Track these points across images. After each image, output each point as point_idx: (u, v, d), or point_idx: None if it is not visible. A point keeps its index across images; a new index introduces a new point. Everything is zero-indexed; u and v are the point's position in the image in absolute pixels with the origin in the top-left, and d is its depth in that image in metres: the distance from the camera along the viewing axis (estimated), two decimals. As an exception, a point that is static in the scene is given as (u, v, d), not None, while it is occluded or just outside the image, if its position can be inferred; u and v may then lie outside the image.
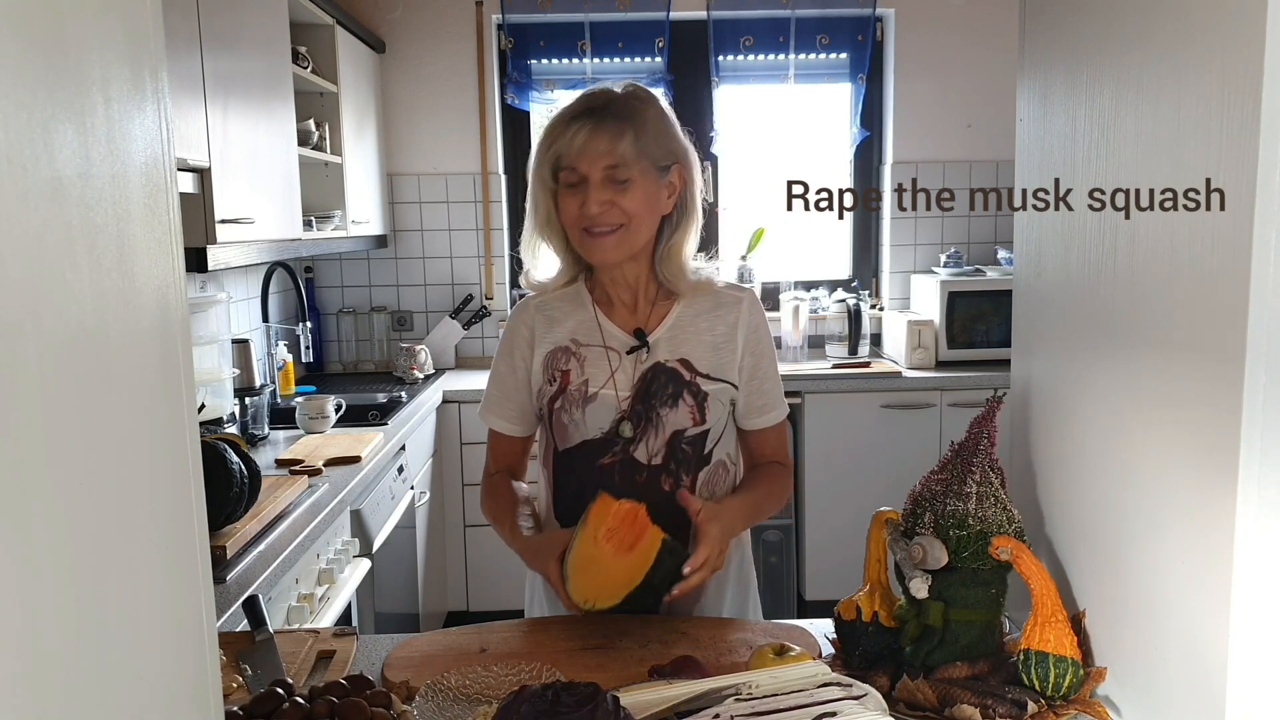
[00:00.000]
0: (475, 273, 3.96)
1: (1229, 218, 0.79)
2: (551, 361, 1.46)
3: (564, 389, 1.44)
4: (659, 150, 1.37)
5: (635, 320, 1.45)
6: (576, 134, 1.34)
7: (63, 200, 0.49)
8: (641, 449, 1.42)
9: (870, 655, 1.17)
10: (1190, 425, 0.87)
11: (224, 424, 2.61)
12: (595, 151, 1.33)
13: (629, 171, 1.34)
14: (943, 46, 3.85)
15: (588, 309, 1.47)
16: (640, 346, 1.43)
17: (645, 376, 1.42)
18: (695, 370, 1.43)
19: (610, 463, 1.42)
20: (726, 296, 1.47)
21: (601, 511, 1.32)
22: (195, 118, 2.07)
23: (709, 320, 1.45)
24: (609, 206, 1.34)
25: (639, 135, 1.34)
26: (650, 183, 1.36)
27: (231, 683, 1.18)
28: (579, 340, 1.45)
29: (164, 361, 0.60)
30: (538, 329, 1.48)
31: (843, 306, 3.76)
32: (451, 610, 3.48)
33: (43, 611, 0.46)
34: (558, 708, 0.92)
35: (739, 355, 1.44)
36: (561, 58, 3.86)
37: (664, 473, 1.42)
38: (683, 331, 1.44)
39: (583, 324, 1.46)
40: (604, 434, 1.42)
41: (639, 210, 1.36)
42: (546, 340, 1.47)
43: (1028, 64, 1.25)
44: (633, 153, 1.33)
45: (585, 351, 1.44)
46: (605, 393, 1.42)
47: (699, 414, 1.42)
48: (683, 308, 1.46)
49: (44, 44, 0.48)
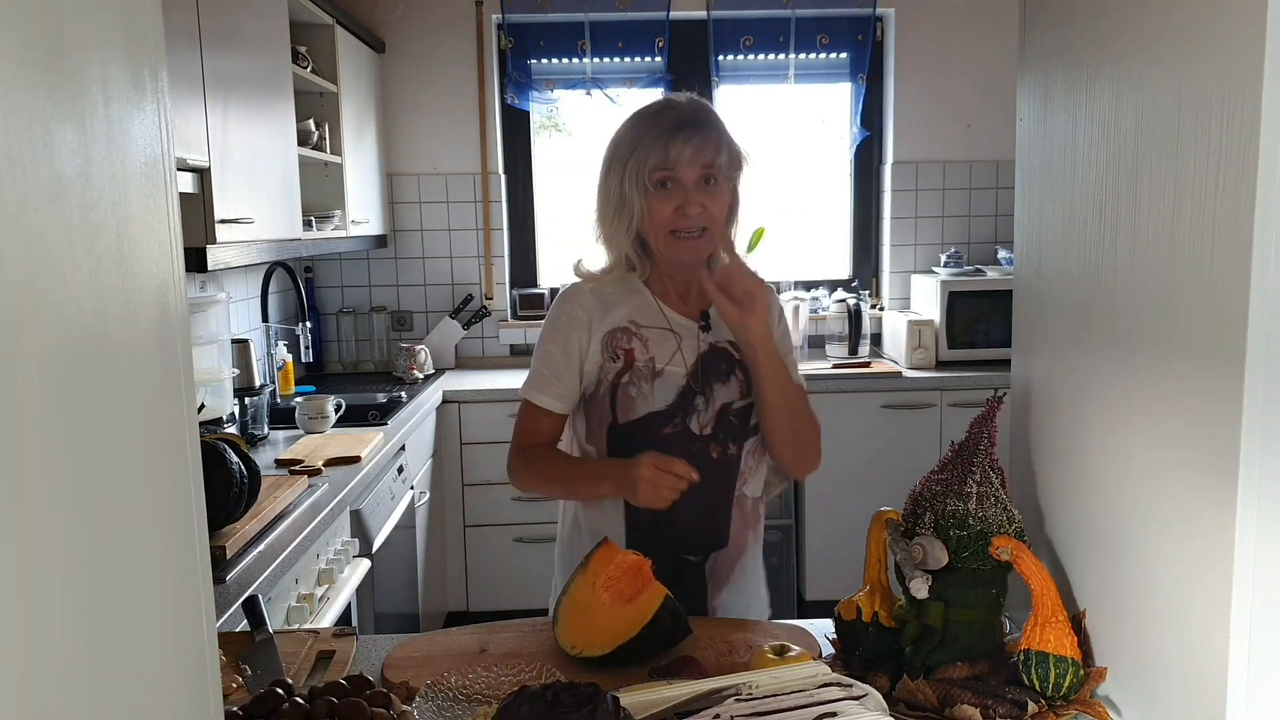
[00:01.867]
0: (475, 273, 3.96)
1: (1229, 218, 0.79)
2: (611, 341, 1.54)
3: (630, 365, 1.53)
4: (730, 158, 1.49)
5: (688, 307, 1.57)
6: (685, 143, 1.44)
7: (62, 200, 0.49)
8: (694, 421, 1.52)
9: (870, 655, 1.17)
10: (1190, 425, 0.87)
11: (224, 424, 2.61)
12: (700, 160, 1.45)
13: (720, 176, 1.47)
14: (943, 46, 3.85)
15: (644, 295, 1.57)
16: (707, 327, 1.56)
17: (703, 355, 1.53)
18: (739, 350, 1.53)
19: (671, 432, 1.51)
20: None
21: (604, 559, 1.31)
22: (195, 118, 2.07)
23: None
24: (701, 210, 1.46)
25: (725, 144, 1.47)
26: (729, 188, 1.51)
27: (231, 683, 1.18)
28: (638, 322, 1.54)
29: (164, 361, 0.60)
30: (595, 312, 1.56)
31: (843, 306, 3.76)
32: (451, 610, 3.48)
33: (42, 612, 0.46)
34: (558, 708, 0.92)
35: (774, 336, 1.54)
36: (561, 57, 3.86)
37: (713, 441, 1.52)
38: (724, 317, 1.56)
39: (641, 308, 1.55)
40: (669, 406, 1.52)
41: (721, 213, 1.49)
42: (605, 322, 1.55)
43: (1028, 64, 1.25)
44: (723, 160, 1.46)
45: (646, 332, 1.54)
46: (672, 369, 1.52)
47: (745, 388, 1.53)
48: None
49: (44, 44, 0.48)
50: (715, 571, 1.53)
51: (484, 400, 3.41)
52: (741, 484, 1.55)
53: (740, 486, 1.55)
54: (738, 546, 1.56)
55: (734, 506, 1.55)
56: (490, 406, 3.40)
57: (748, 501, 1.57)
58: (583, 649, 1.24)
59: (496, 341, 4.00)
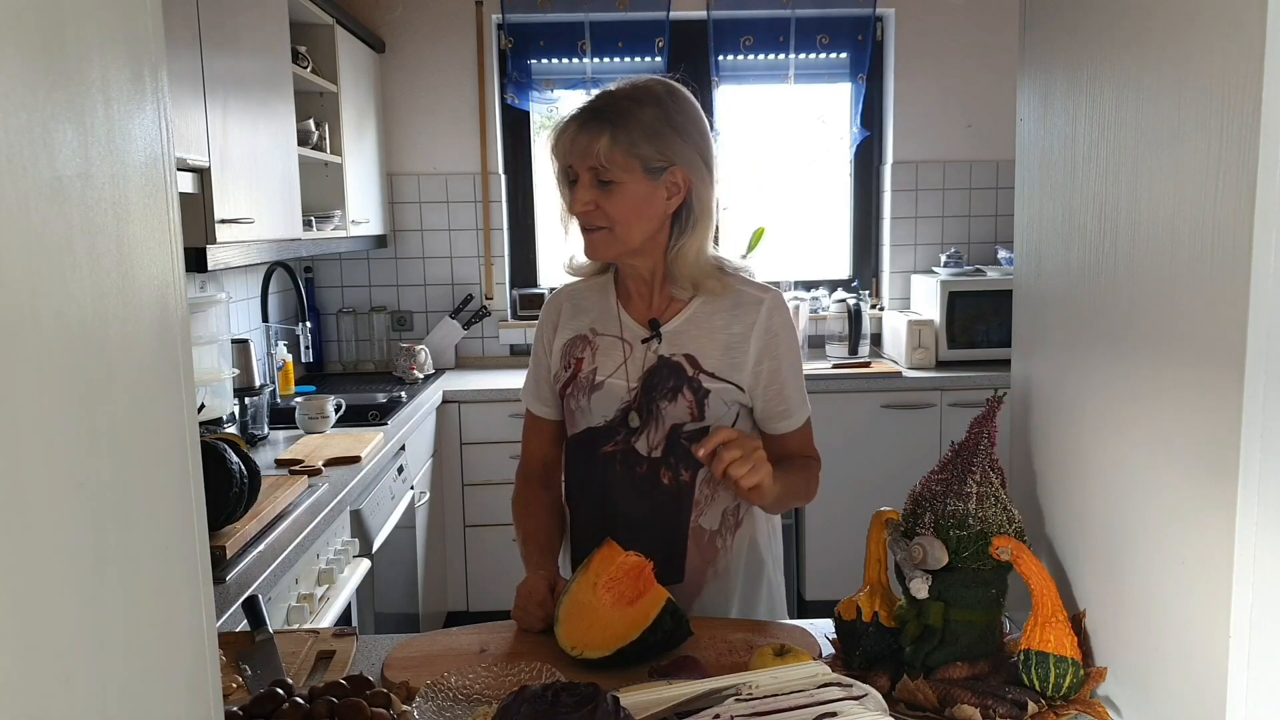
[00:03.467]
0: (475, 273, 3.96)
1: (1229, 218, 0.79)
2: (569, 349, 1.49)
3: (575, 376, 1.47)
4: (650, 152, 1.33)
5: (651, 313, 1.46)
6: (564, 132, 1.37)
7: (62, 200, 0.49)
8: (643, 441, 1.42)
9: (870, 655, 1.17)
10: (1191, 425, 0.87)
11: (224, 424, 2.61)
12: (578, 151, 1.35)
13: (611, 173, 1.33)
14: (943, 46, 3.85)
15: (610, 299, 1.48)
16: (653, 337, 1.43)
17: (650, 369, 1.42)
18: (700, 367, 1.41)
19: (612, 450, 1.44)
20: (749, 297, 1.44)
21: (606, 559, 1.30)
22: (195, 117, 2.07)
23: (725, 319, 1.43)
24: (592, 208, 1.36)
25: (619, 138, 1.32)
26: (639, 185, 1.34)
27: (231, 683, 1.18)
28: (596, 329, 1.47)
29: (164, 361, 0.60)
30: (563, 316, 1.51)
31: (843, 306, 3.76)
32: (451, 610, 3.48)
33: (42, 611, 0.46)
34: (558, 708, 0.92)
35: (752, 358, 1.41)
36: (561, 57, 3.86)
37: (663, 465, 1.42)
38: (695, 327, 1.43)
39: (603, 313, 1.48)
40: (607, 422, 1.43)
41: (624, 214, 1.35)
42: (568, 327, 1.50)
43: (1028, 64, 1.25)
44: (614, 154, 1.32)
45: (600, 340, 1.46)
46: (613, 382, 1.43)
47: (697, 410, 1.40)
48: (701, 304, 1.44)
49: (44, 44, 0.48)
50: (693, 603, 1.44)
51: (484, 400, 3.41)
52: (697, 514, 1.43)
53: (695, 518, 1.43)
54: (694, 582, 1.44)
55: (689, 538, 1.43)
56: (490, 406, 3.40)
57: (704, 534, 1.44)
58: (583, 650, 1.24)
59: (496, 341, 4.00)
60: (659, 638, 1.23)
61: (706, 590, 1.46)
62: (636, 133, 1.33)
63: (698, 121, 1.40)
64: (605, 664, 1.22)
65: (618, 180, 1.34)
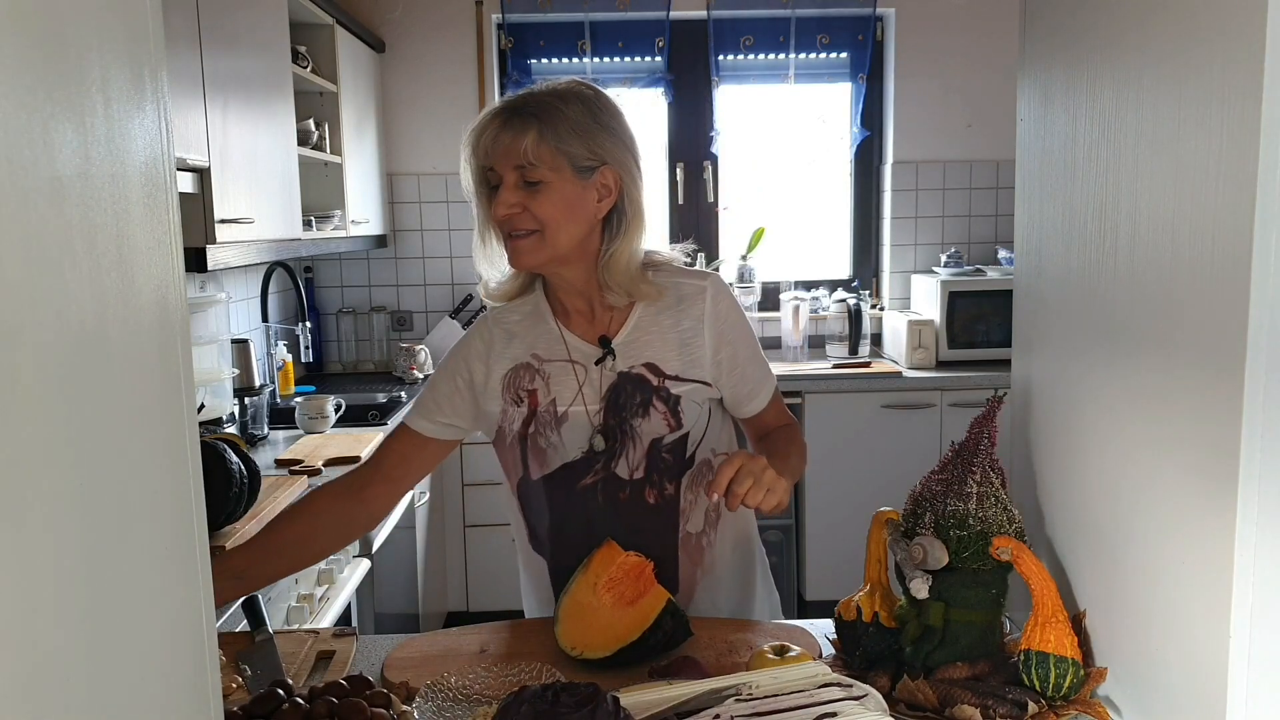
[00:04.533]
0: (475, 273, 3.96)
1: (1229, 218, 0.79)
2: (514, 381, 1.38)
3: (534, 411, 1.36)
4: (579, 150, 1.27)
5: (596, 329, 1.37)
6: (485, 131, 1.30)
7: (62, 200, 0.49)
8: (622, 464, 1.35)
9: (870, 655, 1.17)
10: (1191, 425, 0.87)
11: (224, 424, 2.61)
12: (501, 149, 1.27)
13: (539, 172, 1.26)
14: (943, 46, 3.85)
15: (548, 322, 1.39)
16: (606, 355, 1.36)
17: (612, 388, 1.35)
18: (663, 374, 1.35)
19: (591, 482, 1.35)
20: (688, 288, 1.38)
21: (606, 560, 1.29)
22: (195, 118, 2.07)
23: (673, 316, 1.37)
24: (519, 210, 1.28)
25: (546, 133, 1.26)
26: (568, 185, 1.28)
27: (231, 683, 1.18)
28: (540, 355, 1.38)
29: (163, 361, 0.60)
30: (495, 343, 1.40)
31: (843, 306, 3.76)
32: (451, 610, 3.48)
33: (42, 612, 0.46)
34: (558, 708, 0.92)
35: (709, 350, 1.36)
36: (561, 58, 3.86)
37: (647, 485, 1.36)
38: (644, 334, 1.36)
39: (542, 338, 1.38)
40: (583, 454, 1.35)
41: (553, 215, 1.27)
42: (505, 356, 1.39)
43: (1028, 64, 1.25)
44: (542, 151, 1.26)
45: (548, 368, 1.37)
46: (575, 409, 1.35)
47: (673, 419, 1.35)
48: (643, 309, 1.37)
49: (44, 44, 0.48)
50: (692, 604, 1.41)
51: (484, 400, 3.40)
52: (684, 523, 1.39)
53: (683, 526, 1.39)
54: (688, 588, 1.41)
55: (679, 548, 1.39)
56: (490, 406, 3.40)
57: (691, 538, 1.40)
58: (583, 650, 1.23)
59: (496, 341, 4.00)
60: (659, 638, 1.23)
61: (698, 592, 1.43)
62: (564, 129, 1.27)
63: (624, 122, 1.35)
64: (605, 664, 1.22)
65: (545, 180, 1.27)
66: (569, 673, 1.20)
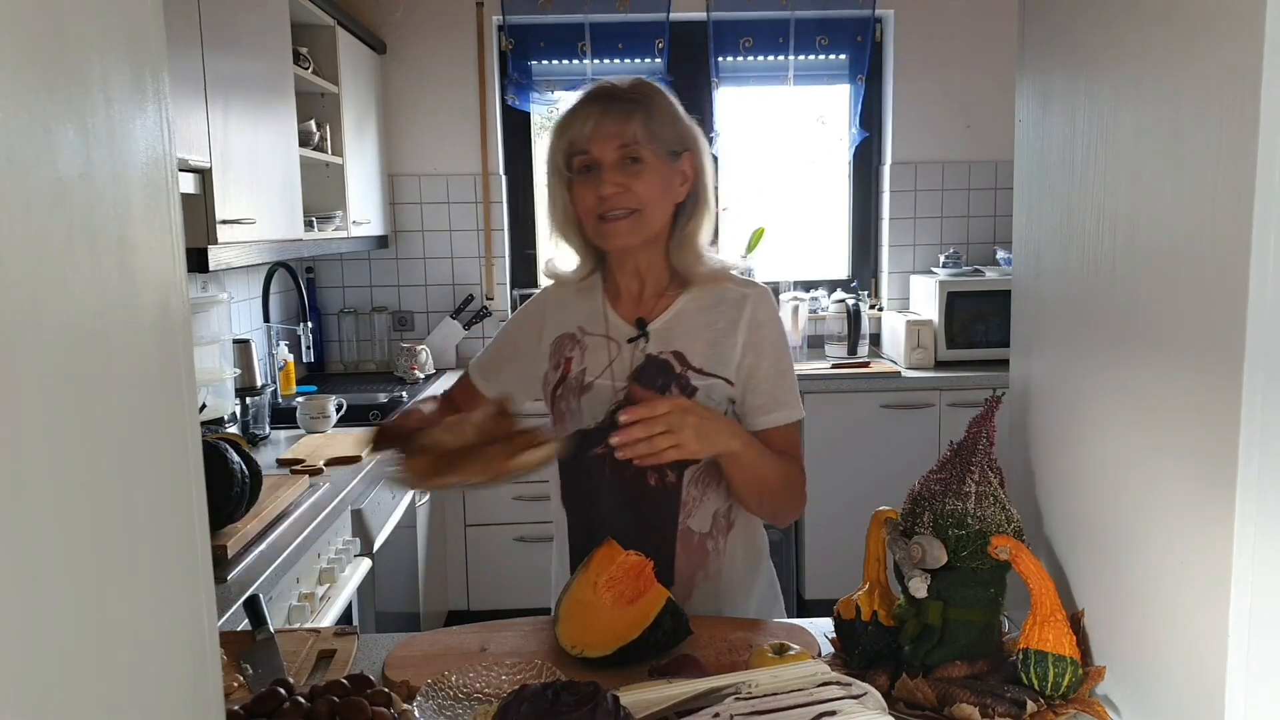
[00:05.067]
0: (476, 273, 3.96)
1: (1229, 218, 0.79)
2: (558, 347, 1.47)
3: (565, 377, 1.45)
4: (670, 135, 1.37)
5: (640, 311, 1.45)
6: (587, 119, 1.35)
7: (63, 201, 0.49)
8: None
9: (870, 654, 1.17)
10: (1189, 425, 0.87)
11: (225, 424, 2.61)
12: (606, 133, 1.34)
13: (642, 152, 1.34)
14: (942, 47, 3.86)
15: (596, 298, 1.47)
16: (639, 336, 1.42)
17: (639, 369, 1.41)
18: (688, 364, 1.40)
19: (602, 453, 1.38)
20: (733, 292, 1.44)
21: (606, 558, 1.30)
22: (196, 118, 2.08)
23: (711, 314, 1.43)
24: (622, 190, 1.34)
25: (648, 118, 1.35)
26: (663, 167, 1.37)
27: (232, 682, 1.19)
28: (584, 329, 1.46)
29: (165, 361, 0.60)
30: (549, 312, 1.50)
31: (842, 306, 3.76)
32: (452, 610, 3.48)
33: (42, 612, 0.46)
34: (558, 707, 0.92)
35: (738, 353, 1.40)
36: (562, 59, 3.87)
37: (650, 468, 1.38)
38: (682, 324, 1.42)
39: (590, 313, 1.47)
40: (598, 424, 1.41)
41: (652, 195, 1.36)
42: (557, 325, 1.48)
43: (1027, 64, 1.25)
44: (644, 133, 1.34)
45: (588, 340, 1.45)
46: (601, 382, 1.42)
47: None
48: (687, 300, 1.43)
49: (44, 44, 0.48)
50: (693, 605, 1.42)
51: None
52: (685, 517, 1.41)
53: (684, 519, 1.41)
54: (685, 586, 1.42)
55: (677, 541, 1.42)
56: (491, 407, 3.40)
57: (693, 537, 1.42)
58: (583, 649, 1.24)
59: (497, 342, 4.00)
60: (659, 637, 1.23)
61: (696, 595, 1.44)
62: (661, 115, 1.37)
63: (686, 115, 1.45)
64: (605, 663, 1.22)
65: (646, 160, 1.35)
66: (569, 671, 1.20)
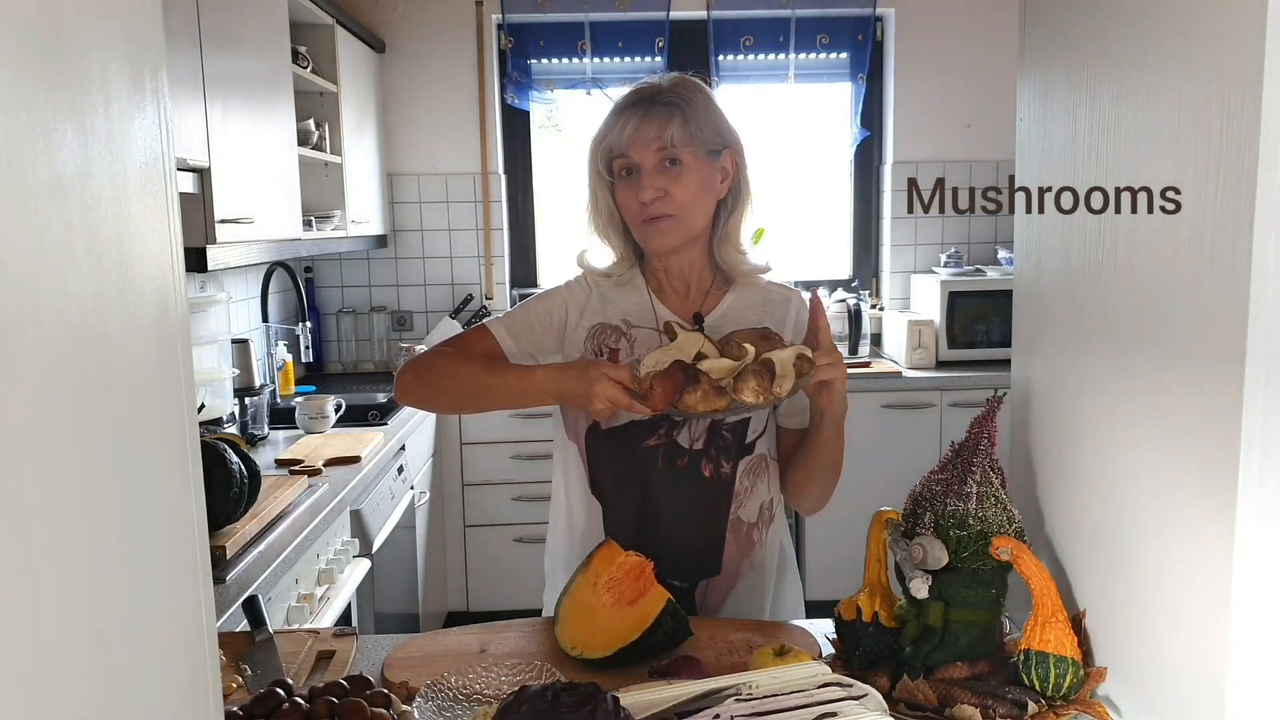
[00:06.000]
0: (475, 273, 3.96)
1: (1229, 218, 0.79)
2: (600, 335, 1.45)
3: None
4: (709, 134, 1.37)
5: (689, 307, 1.46)
6: (627, 123, 1.36)
7: (62, 200, 0.49)
8: (684, 433, 1.42)
9: (870, 655, 1.17)
10: (1191, 424, 0.87)
11: (224, 424, 2.61)
12: (646, 138, 1.35)
13: (682, 155, 1.35)
14: (943, 46, 3.86)
15: (642, 293, 1.47)
16: (697, 329, 1.41)
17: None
18: None
19: (655, 444, 1.42)
20: (776, 294, 1.49)
21: (606, 559, 1.30)
22: (195, 117, 2.07)
23: (760, 312, 1.46)
24: (662, 194, 1.36)
25: (687, 119, 1.35)
26: (703, 167, 1.38)
27: (231, 683, 1.18)
28: (630, 321, 1.45)
29: (163, 361, 0.60)
30: (591, 301, 1.47)
31: (843, 306, 3.76)
32: (451, 610, 3.48)
33: (42, 611, 0.46)
34: (558, 708, 0.92)
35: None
36: (561, 57, 3.86)
37: (704, 458, 1.42)
38: (732, 322, 1.44)
39: (635, 306, 1.46)
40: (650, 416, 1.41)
41: (692, 197, 1.37)
42: (598, 313, 1.46)
43: (1028, 64, 1.25)
44: (683, 136, 1.35)
45: (636, 333, 1.45)
46: None
47: None
48: (734, 298, 1.46)
49: (44, 44, 0.48)
50: (706, 599, 1.45)
51: (484, 400, 3.41)
52: (736, 507, 1.45)
53: (735, 510, 1.45)
54: (730, 574, 1.46)
55: (728, 531, 1.44)
56: (490, 406, 3.40)
57: (743, 526, 1.46)
58: (583, 650, 1.23)
59: (496, 341, 4.00)
60: (659, 638, 1.23)
61: (742, 583, 1.47)
62: (700, 115, 1.37)
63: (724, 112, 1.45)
64: (605, 664, 1.22)
65: (685, 162, 1.36)
66: (569, 672, 1.20)
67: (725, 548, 1.45)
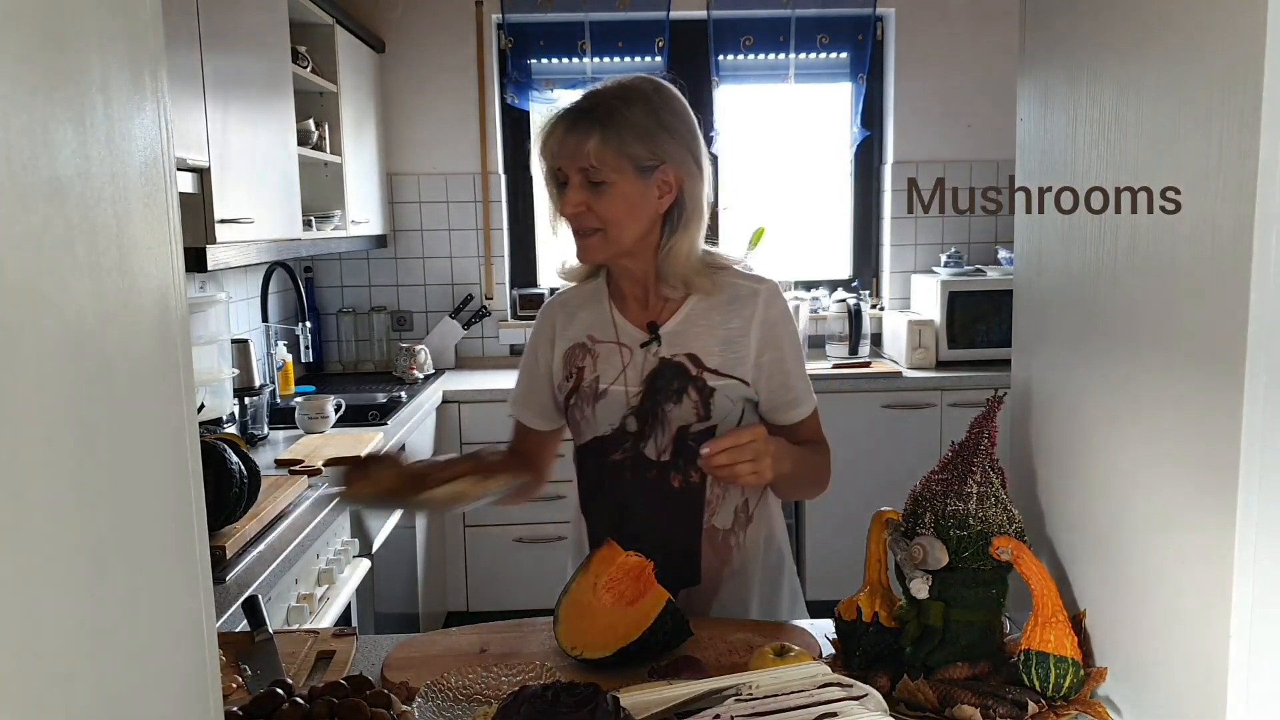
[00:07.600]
0: (475, 273, 3.96)
1: (1229, 218, 0.79)
2: (570, 358, 1.47)
3: (578, 386, 1.45)
4: (639, 151, 1.32)
5: (648, 315, 1.44)
6: (552, 133, 1.35)
7: (62, 200, 0.49)
8: (650, 445, 1.41)
9: (870, 655, 1.17)
10: (1191, 425, 0.87)
11: (223, 424, 2.61)
12: (566, 153, 1.33)
13: (603, 174, 1.31)
14: (943, 46, 3.85)
15: (603, 305, 1.47)
16: (651, 340, 1.42)
17: (653, 373, 1.41)
18: (703, 365, 1.40)
19: (621, 459, 1.43)
20: (743, 289, 1.43)
21: (606, 559, 1.30)
22: (195, 117, 2.07)
23: (723, 314, 1.42)
24: (584, 210, 1.34)
25: (609, 137, 1.30)
26: (631, 185, 1.33)
27: (231, 683, 1.18)
28: (594, 336, 1.46)
29: (163, 361, 0.60)
30: (558, 325, 1.49)
31: (843, 306, 3.76)
32: (451, 610, 3.48)
33: (42, 612, 0.46)
34: (558, 708, 0.92)
35: (753, 351, 1.40)
36: (561, 57, 3.86)
37: (672, 469, 1.41)
38: (693, 326, 1.42)
39: (598, 320, 1.46)
40: (613, 430, 1.43)
41: (616, 215, 1.33)
42: (565, 336, 1.48)
43: (1028, 64, 1.25)
44: (604, 154, 1.30)
45: (599, 348, 1.45)
46: (615, 389, 1.42)
47: (703, 409, 1.39)
48: (696, 301, 1.43)
49: (44, 43, 0.48)
50: (689, 609, 1.41)
51: (484, 400, 3.41)
52: (709, 515, 1.43)
53: (708, 518, 1.43)
54: (711, 583, 1.45)
55: (703, 539, 1.44)
56: (490, 406, 3.40)
57: (718, 534, 1.44)
58: (583, 650, 1.23)
59: (496, 341, 4.00)
60: (659, 638, 1.23)
61: (724, 591, 1.46)
62: (626, 132, 1.31)
63: (686, 118, 1.39)
64: (605, 664, 1.22)
65: (609, 181, 1.32)
66: (569, 673, 1.20)
67: (702, 557, 1.44)
